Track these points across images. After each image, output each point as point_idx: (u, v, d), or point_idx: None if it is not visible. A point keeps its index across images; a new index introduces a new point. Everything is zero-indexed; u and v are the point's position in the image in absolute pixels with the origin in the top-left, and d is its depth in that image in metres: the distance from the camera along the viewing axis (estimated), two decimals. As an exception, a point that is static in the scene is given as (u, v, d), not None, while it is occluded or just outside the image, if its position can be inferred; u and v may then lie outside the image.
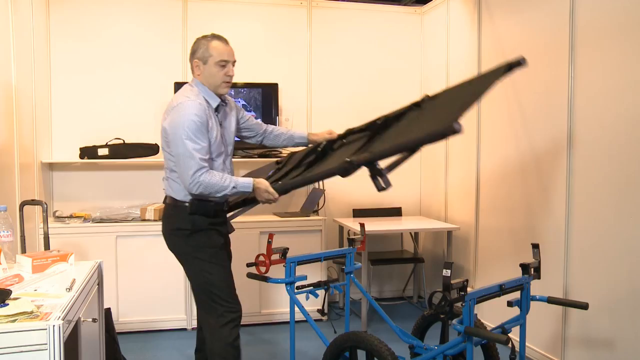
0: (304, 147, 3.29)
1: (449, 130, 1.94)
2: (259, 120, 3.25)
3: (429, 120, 2.45)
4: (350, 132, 3.01)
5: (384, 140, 2.53)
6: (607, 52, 2.98)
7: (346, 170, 2.43)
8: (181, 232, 2.76)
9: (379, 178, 2.28)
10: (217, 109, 2.79)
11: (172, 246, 2.84)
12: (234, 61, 2.79)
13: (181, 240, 2.77)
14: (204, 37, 2.77)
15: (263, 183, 2.75)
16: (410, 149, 2.19)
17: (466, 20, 4.38)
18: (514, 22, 3.78)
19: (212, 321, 2.75)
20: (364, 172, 2.95)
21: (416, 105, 2.75)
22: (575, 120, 3.21)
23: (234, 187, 2.68)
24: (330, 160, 2.85)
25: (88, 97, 4.46)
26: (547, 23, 3.44)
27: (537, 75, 3.53)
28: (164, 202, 2.88)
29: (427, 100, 2.73)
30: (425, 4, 5.07)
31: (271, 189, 2.74)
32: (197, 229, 2.75)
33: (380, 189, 2.29)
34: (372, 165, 2.29)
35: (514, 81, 3.74)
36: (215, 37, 2.76)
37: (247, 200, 2.96)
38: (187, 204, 2.74)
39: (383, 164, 2.29)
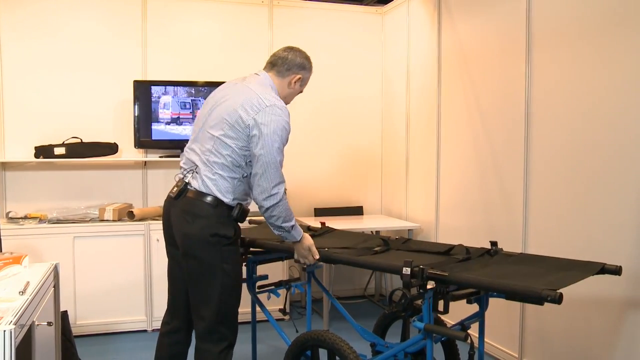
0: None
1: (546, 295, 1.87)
2: None
3: (519, 275, 2.25)
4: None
5: (467, 270, 2.28)
6: (563, 53, 3.06)
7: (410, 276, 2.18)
8: (219, 239, 2.43)
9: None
10: None
11: (202, 253, 2.43)
12: None
13: (217, 249, 2.43)
14: (309, 60, 2.69)
15: (309, 239, 2.58)
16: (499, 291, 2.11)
17: (426, 20, 4.43)
18: (473, 23, 3.84)
19: (211, 342, 2.47)
20: (325, 170, 2.98)
21: (487, 253, 2.56)
22: (532, 119, 3.28)
23: (292, 226, 2.49)
24: (394, 257, 2.59)
25: (43, 95, 4.34)
26: (505, 24, 3.50)
27: (494, 76, 3.60)
28: (181, 196, 2.49)
29: (500, 252, 2.55)
30: (386, 4, 5.11)
31: (314, 249, 2.59)
32: (235, 239, 2.50)
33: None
34: (442, 286, 2.16)
35: (473, 81, 3.81)
36: (312, 67, 2.73)
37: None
38: (233, 207, 2.47)
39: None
